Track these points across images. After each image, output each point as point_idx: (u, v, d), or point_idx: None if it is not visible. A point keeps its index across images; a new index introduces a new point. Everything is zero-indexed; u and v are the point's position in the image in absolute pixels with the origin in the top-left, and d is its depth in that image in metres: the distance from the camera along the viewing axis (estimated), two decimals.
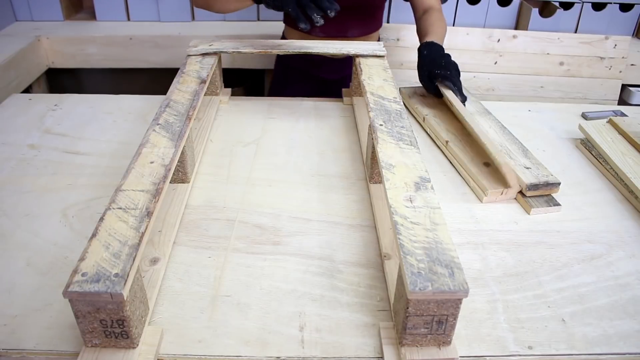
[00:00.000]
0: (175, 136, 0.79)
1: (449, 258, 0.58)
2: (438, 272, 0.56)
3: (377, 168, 0.87)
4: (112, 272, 0.54)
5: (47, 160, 0.95)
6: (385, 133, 0.82)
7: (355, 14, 1.31)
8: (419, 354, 0.58)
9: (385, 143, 0.79)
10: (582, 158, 1.02)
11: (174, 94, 0.92)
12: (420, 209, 0.65)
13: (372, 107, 0.90)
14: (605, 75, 1.82)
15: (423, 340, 0.59)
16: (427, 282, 0.54)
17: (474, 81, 1.82)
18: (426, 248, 0.59)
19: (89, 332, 0.56)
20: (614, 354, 0.62)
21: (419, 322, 0.57)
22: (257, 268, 0.72)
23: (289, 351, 0.61)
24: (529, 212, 0.85)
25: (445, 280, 0.55)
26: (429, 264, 0.57)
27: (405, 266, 0.56)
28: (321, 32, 1.29)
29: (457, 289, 0.54)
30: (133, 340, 0.57)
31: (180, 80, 0.98)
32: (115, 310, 0.54)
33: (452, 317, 0.57)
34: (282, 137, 1.05)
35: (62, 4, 1.84)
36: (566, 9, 1.83)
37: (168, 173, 0.71)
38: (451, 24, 1.88)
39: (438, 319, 0.57)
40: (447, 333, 0.58)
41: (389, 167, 0.73)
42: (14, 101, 1.17)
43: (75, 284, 0.53)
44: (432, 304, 0.56)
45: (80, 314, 0.55)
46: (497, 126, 1.03)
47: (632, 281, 0.72)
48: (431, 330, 0.58)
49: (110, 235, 0.59)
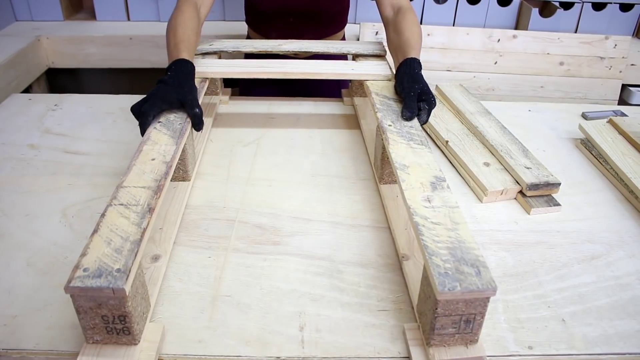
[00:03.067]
0: (176, 134, 0.79)
1: (474, 257, 0.58)
2: (465, 271, 0.56)
3: (387, 169, 0.87)
4: (114, 268, 0.54)
5: (47, 160, 0.95)
6: (395, 133, 0.82)
7: (310, 19, 1.24)
8: (447, 353, 0.58)
9: (396, 143, 0.79)
10: (582, 158, 1.02)
11: None
12: (439, 209, 0.65)
13: (379, 108, 0.90)
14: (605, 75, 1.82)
15: (451, 340, 0.59)
16: (455, 282, 0.55)
17: (474, 81, 1.82)
18: (450, 248, 0.59)
19: (90, 329, 0.56)
20: (614, 354, 0.62)
21: (447, 322, 0.57)
22: (257, 268, 0.72)
23: (289, 351, 0.61)
24: (529, 212, 0.85)
25: (473, 279, 0.55)
26: (455, 264, 0.57)
27: (432, 267, 0.56)
28: (278, 36, 1.23)
29: (485, 287, 0.54)
30: (135, 336, 0.57)
31: None
32: (117, 306, 0.54)
33: (479, 315, 0.57)
34: (282, 137, 1.05)
35: (62, 4, 1.84)
36: (566, 9, 1.83)
37: (169, 170, 0.71)
38: (451, 24, 1.88)
39: (466, 318, 0.57)
40: (474, 332, 0.58)
41: (404, 168, 0.73)
42: (14, 101, 1.17)
43: (76, 279, 0.53)
44: (461, 304, 0.55)
45: (82, 309, 0.54)
46: (497, 126, 1.03)
47: (632, 281, 0.72)
48: (459, 329, 0.58)
49: (112, 231, 0.59)
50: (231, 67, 1.04)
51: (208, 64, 1.04)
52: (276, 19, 1.24)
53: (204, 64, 1.04)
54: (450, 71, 1.83)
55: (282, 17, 1.23)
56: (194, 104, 0.83)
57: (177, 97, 0.83)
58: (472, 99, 1.14)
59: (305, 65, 1.05)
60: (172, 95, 0.83)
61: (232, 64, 1.06)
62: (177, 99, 0.83)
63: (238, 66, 1.04)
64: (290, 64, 1.06)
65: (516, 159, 0.92)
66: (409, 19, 1.04)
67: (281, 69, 1.03)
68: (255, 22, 1.29)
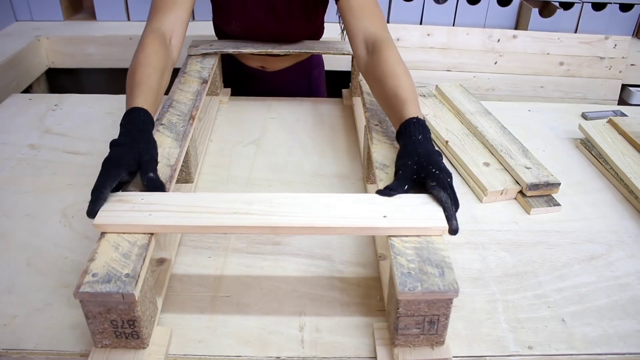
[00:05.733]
0: (179, 136, 0.79)
1: (440, 258, 0.58)
2: (428, 272, 0.56)
3: (372, 168, 0.87)
4: (123, 273, 0.54)
5: (47, 160, 0.95)
6: (381, 133, 0.82)
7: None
8: (411, 354, 0.58)
9: (380, 143, 0.79)
10: (582, 158, 1.02)
11: (176, 94, 0.92)
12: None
13: (368, 108, 0.89)
14: (605, 75, 1.82)
15: (416, 341, 0.59)
16: (416, 282, 0.54)
17: (474, 81, 1.82)
18: (417, 248, 0.59)
19: (99, 333, 0.56)
20: (614, 354, 0.62)
21: (410, 323, 0.57)
22: (257, 268, 0.72)
23: (289, 351, 0.61)
24: (529, 212, 0.85)
25: (435, 280, 0.55)
26: (419, 264, 0.56)
27: (396, 266, 0.56)
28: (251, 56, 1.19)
29: (447, 288, 0.54)
30: (143, 340, 0.57)
31: (182, 80, 0.98)
32: (126, 311, 0.54)
33: (443, 317, 0.56)
34: (282, 137, 1.05)
35: (62, 4, 1.84)
36: (566, 9, 1.83)
37: (174, 173, 0.71)
38: (451, 24, 1.88)
39: (430, 319, 0.56)
40: (439, 333, 0.58)
41: (383, 167, 0.73)
42: (14, 101, 1.17)
43: (86, 284, 0.53)
44: (423, 304, 0.55)
45: (91, 314, 0.55)
46: (497, 126, 1.03)
47: (632, 281, 0.72)
48: (423, 330, 0.57)
49: (119, 236, 0.59)
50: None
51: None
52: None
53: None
54: (450, 71, 1.83)
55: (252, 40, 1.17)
56: (148, 167, 0.66)
57: (133, 157, 0.66)
58: (472, 99, 1.14)
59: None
60: (127, 156, 0.66)
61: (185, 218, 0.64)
62: (134, 159, 0.66)
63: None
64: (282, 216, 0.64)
65: (516, 159, 0.93)
66: (389, 57, 0.82)
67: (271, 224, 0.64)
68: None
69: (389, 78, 0.79)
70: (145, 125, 0.71)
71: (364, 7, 0.91)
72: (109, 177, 0.63)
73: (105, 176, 0.63)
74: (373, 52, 0.86)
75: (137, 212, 0.60)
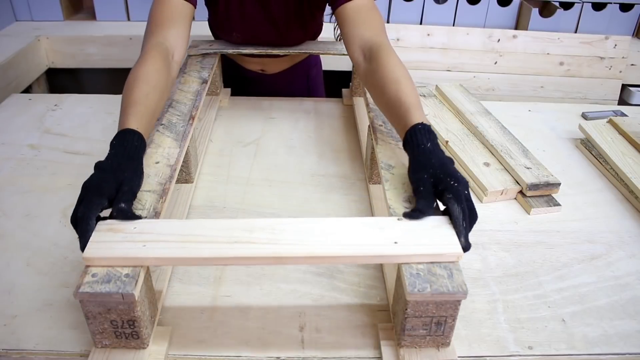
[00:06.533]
0: (179, 136, 0.79)
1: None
2: (437, 273, 0.56)
3: (376, 169, 0.87)
4: (123, 273, 0.54)
5: (47, 160, 0.95)
6: (385, 134, 0.82)
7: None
8: (417, 355, 0.58)
9: (384, 144, 0.79)
10: (582, 158, 1.02)
11: (176, 94, 0.91)
12: None
13: (372, 108, 0.89)
14: (605, 75, 1.82)
15: (422, 342, 0.59)
16: (425, 283, 0.54)
17: (474, 81, 1.83)
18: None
19: (99, 333, 0.56)
20: (614, 354, 0.62)
21: (417, 324, 0.57)
22: (257, 268, 0.72)
23: (289, 351, 0.61)
24: (529, 212, 0.85)
25: (444, 281, 0.55)
26: (427, 266, 0.56)
27: (404, 268, 0.56)
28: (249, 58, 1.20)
29: (455, 290, 0.54)
30: (143, 340, 0.57)
31: (182, 81, 0.98)
32: (126, 311, 0.54)
33: (451, 318, 0.57)
34: (282, 137, 1.05)
35: (62, 4, 1.84)
36: (566, 9, 1.83)
37: (174, 173, 0.71)
38: (451, 24, 1.88)
39: (437, 321, 0.57)
40: (445, 334, 0.58)
41: (389, 168, 0.73)
42: (14, 101, 1.17)
43: (86, 284, 0.53)
44: (431, 305, 0.55)
45: (91, 314, 0.54)
46: (497, 126, 1.03)
47: (632, 281, 0.72)
48: (430, 331, 0.58)
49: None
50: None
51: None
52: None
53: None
54: (450, 71, 1.83)
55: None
56: (122, 197, 0.61)
57: (115, 185, 0.62)
58: (472, 99, 1.14)
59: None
60: (109, 184, 0.62)
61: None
62: (115, 187, 0.62)
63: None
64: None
65: (516, 159, 0.92)
66: (388, 62, 0.79)
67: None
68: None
69: (389, 84, 0.76)
70: (136, 152, 0.67)
71: (359, 13, 0.89)
72: (91, 206, 0.60)
73: (87, 206, 0.60)
74: (371, 58, 0.83)
75: (130, 243, 0.56)
